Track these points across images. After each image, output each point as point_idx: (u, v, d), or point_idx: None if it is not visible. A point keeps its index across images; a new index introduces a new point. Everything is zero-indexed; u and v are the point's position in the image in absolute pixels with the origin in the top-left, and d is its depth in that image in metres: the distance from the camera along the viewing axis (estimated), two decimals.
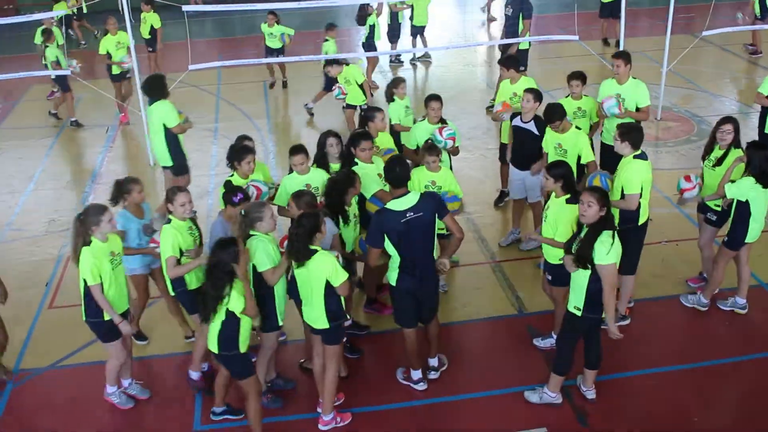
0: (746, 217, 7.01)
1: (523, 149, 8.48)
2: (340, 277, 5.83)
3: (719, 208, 7.34)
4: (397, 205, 6.14)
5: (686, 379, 6.75)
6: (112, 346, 6.36)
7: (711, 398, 6.60)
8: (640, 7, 19.95)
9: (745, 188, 6.89)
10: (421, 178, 7.33)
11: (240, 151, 7.21)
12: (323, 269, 5.81)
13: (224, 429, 6.38)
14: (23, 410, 6.64)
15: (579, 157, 7.78)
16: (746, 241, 7.16)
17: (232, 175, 7.19)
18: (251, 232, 6.04)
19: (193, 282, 6.44)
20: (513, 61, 9.70)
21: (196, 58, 11.75)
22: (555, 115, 7.75)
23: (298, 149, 7.15)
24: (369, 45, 15.05)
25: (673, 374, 6.80)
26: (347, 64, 11.92)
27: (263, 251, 5.95)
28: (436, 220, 6.23)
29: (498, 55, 14.34)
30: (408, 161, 6.94)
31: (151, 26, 15.14)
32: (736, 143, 7.26)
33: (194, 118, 13.03)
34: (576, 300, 6.00)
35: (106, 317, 6.17)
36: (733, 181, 6.99)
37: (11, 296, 8.37)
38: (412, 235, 6.11)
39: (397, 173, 6.23)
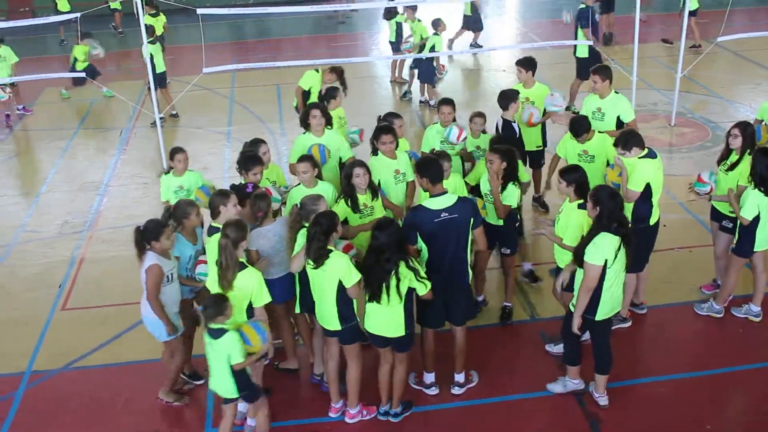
0: (754, 224, 6.98)
1: None
2: (352, 278, 5.84)
3: (734, 215, 7.28)
4: (433, 204, 6.13)
5: (699, 386, 6.70)
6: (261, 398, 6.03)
7: (724, 406, 6.55)
8: (654, 12, 19.88)
9: (754, 204, 6.88)
10: None
11: (248, 161, 7.09)
12: (337, 269, 5.83)
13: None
14: (36, 412, 6.66)
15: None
16: (755, 249, 7.11)
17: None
18: (303, 224, 6.10)
19: None
20: (529, 63, 9.30)
21: (210, 61, 11.79)
22: (581, 128, 7.70)
23: (303, 158, 7.06)
24: (395, 44, 15.04)
25: (686, 381, 6.76)
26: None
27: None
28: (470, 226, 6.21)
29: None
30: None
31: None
32: (752, 149, 7.18)
33: (207, 121, 13.21)
34: (574, 298, 6.12)
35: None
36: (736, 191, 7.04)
37: (23, 297, 8.47)
38: (443, 236, 6.10)
39: (432, 172, 6.18)
